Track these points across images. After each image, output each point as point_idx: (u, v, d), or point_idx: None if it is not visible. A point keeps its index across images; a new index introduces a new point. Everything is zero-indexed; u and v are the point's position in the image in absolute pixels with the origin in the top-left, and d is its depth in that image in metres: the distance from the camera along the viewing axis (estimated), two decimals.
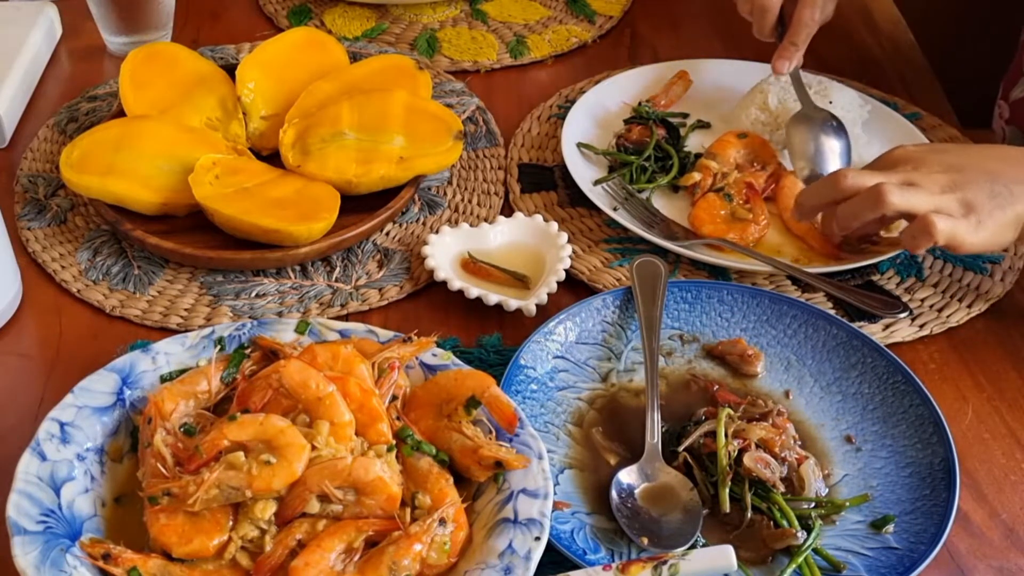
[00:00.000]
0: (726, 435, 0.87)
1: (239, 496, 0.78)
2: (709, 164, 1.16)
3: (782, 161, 1.19)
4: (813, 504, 0.87)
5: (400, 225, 1.14)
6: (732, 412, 0.90)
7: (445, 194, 1.18)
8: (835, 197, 1.01)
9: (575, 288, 1.06)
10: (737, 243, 1.09)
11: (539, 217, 1.10)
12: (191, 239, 1.07)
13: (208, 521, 0.78)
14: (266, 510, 0.78)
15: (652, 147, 1.18)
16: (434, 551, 0.78)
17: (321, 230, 1.05)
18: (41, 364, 0.99)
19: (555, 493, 0.82)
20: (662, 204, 1.16)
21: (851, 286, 1.07)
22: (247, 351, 0.89)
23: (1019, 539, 0.88)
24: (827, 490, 0.89)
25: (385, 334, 0.91)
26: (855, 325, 1.00)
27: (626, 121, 1.23)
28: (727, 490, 0.85)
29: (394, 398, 0.87)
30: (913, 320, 1.05)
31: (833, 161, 1.15)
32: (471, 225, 1.09)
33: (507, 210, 1.16)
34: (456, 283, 1.03)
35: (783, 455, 0.88)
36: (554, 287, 1.03)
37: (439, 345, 0.91)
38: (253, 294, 1.05)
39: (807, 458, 0.89)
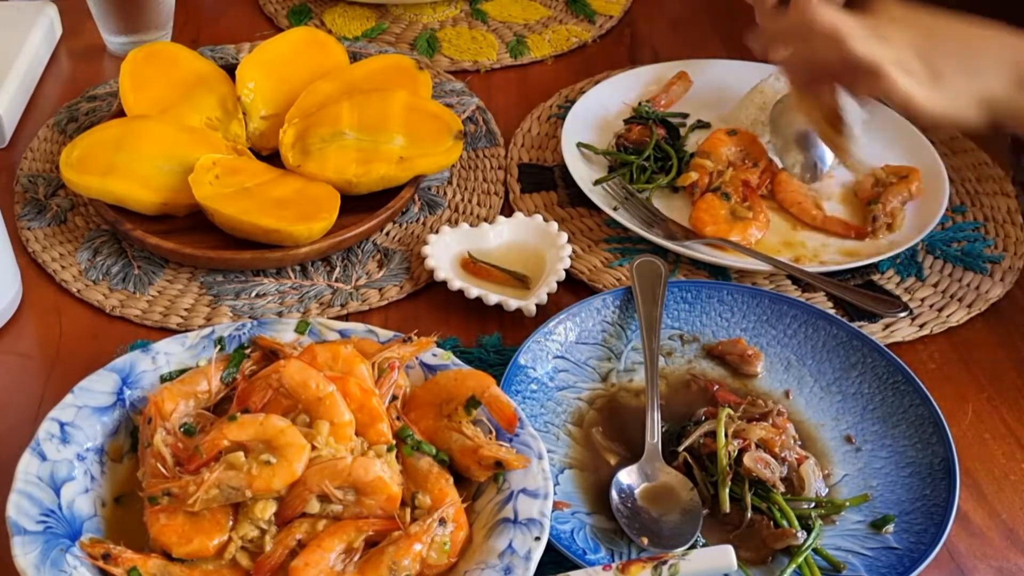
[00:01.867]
0: (726, 435, 0.87)
1: (239, 496, 0.78)
2: (704, 163, 1.16)
3: (773, 158, 1.19)
4: (813, 504, 0.87)
5: (400, 225, 1.14)
6: (732, 412, 0.90)
7: (445, 194, 1.18)
8: (798, 27, 0.95)
9: (575, 288, 1.06)
10: (739, 243, 1.09)
11: (539, 217, 1.10)
12: (191, 239, 1.07)
13: (208, 521, 0.78)
14: (266, 510, 0.78)
15: (652, 147, 1.18)
16: (434, 551, 0.78)
17: (321, 230, 1.05)
18: (41, 364, 0.99)
19: (555, 493, 0.82)
20: (662, 204, 1.16)
21: (851, 286, 1.07)
22: (247, 351, 0.89)
23: (1019, 539, 0.88)
24: (827, 490, 0.89)
25: (385, 334, 0.91)
26: (855, 325, 1.00)
27: (626, 121, 1.23)
28: (727, 490, 0.85)
29: (394, 398, 0.87)
30: (913, 320, 1.05)
31: (828, 150, 1.15)
32: (471, 225, 1.09)
33: (507, 210, 1.16)
34: (456, 283, 1.03)
35: (783, 455, 0.88)
36: (554, 287, 1.03)
37: (439, 345, 0.91)
38: (253, 294, 1.05)
39: (807, 458, 0.89)
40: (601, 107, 1.26)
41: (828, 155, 1.14)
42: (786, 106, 1.19)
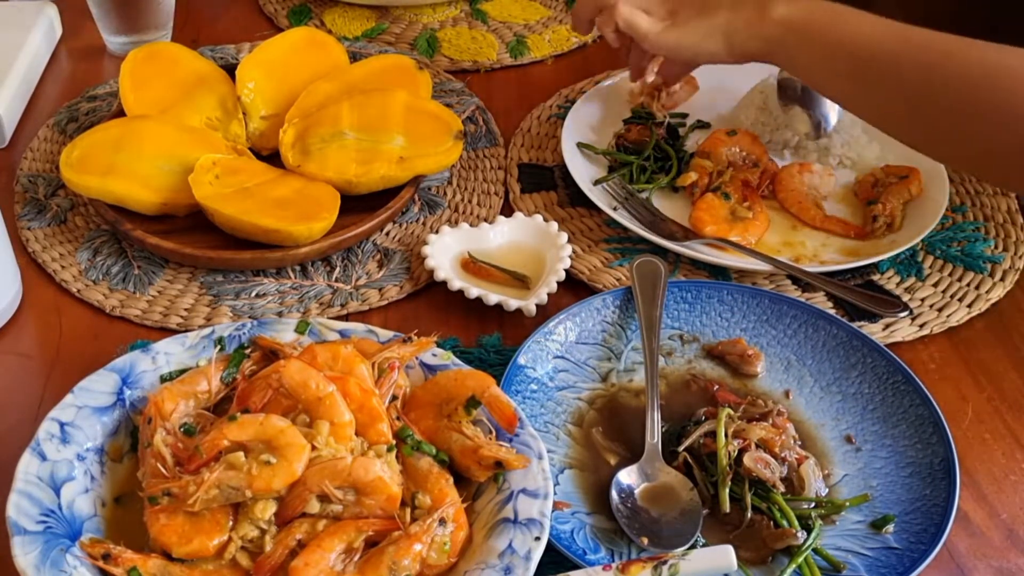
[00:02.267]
0: (726, 435, 0.87)
1: (239, 496, 0.78)
2: (704, 163, 1.16)
3: (773, 158, 1.19)
4: (813, 504, 0.87)
5: (400, 225, 1.14)
6: (732, 412, 0.90)
7: (445, 194, 1.18)
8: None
9: (575, 288, 1.06)
10: (739, 243, 1.09)
11: (539, 217, 1.10)
12: (191, 239, 1.07)
13: (208, 521, 0.78)
14: (266, 510, 0.78)
15: (651, 147, 1.18)
16: (434, 551, 0.78)
17: (321, 230, 1.05)
18: (41, 364, 0.99)
19: (555, 493, 0.82)
20: (662, 204, 1.16)
21: (851, 286, 1.07)
22: (247, 351, 0.89)
23: (1019, 539, 0.88)
24: (827, 490, 0.89)
25: (385, 334, 0.91)
26: (855, 325, 1.00)
27: (626, 121, 1.23)
28: (727, 490, 0.85)
29: (394, 398, 0.87)
30: (913, 320, 1.05)
31: (833, 108, 1.18)
32: (471, 225, 1.09)
33: (507, 210, 1.16)
34: (456, 283, 1.03)
35: (783, 455, 0.88)
36: (554, 287, 1.03)
37: (439, 345, 0.91)
38: (253, 294, 1.05)
39: (807, 458, 0.89)
40: (601, 107, 1.26)
41: (832, 114, 1.19)
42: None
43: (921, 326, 1.05)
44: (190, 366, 0.88)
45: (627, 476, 0.87)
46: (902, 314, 1.04)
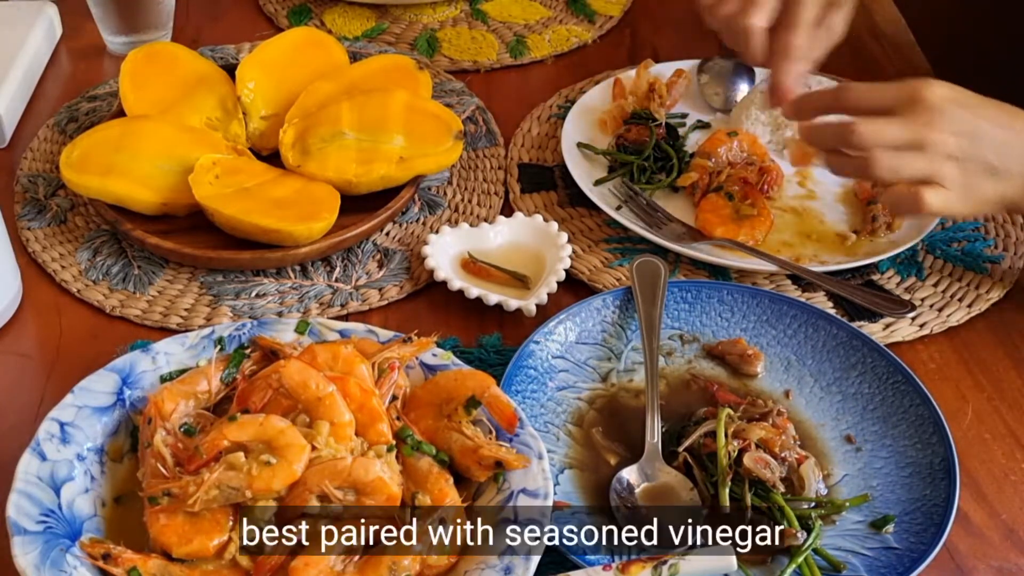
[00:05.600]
0: (726, 435, 0.87)
1: (239, 496, 0.78)
2: (704, 163, 1.16)
3: (774, 159, 1.19)
4: (813, 504, 0.87)
5: (400, 225, 1.14)
6: (732, 412, 0.90)
7: (445, 194, 1.18)
8: (834, 113, 0.98)
9: (575, 288, 1.06)
10: (745, 243, 1.09)
11: (539, 217, 1.10)
12: (191, 239, 1.07)
13: (208, 521, 0.78)
14: (266, 510, 0.78)
15: (651, 147, 1.18)
16: (434, 551, 0.78)
17: (321, 230, 1.05)
18: (41, 364, 0.99)
19: (555, 493, 0.82)
20: (662, 204, 1.15)
21: (853, 285, 1.07)
22: (247, 351, 0.89)
23: (1019, 539, 0.88)
24: (827, 490, 0.89)
25: (385, 334, 0.91)
26: (855, 325, 1.00)
27: (626, 121, 1.23)
28: (727, 490, 0.85)
29: (394, 398, 0.87)
30: (913, 320, 1.05)
31: None
32: (471, 225, 1.09)
33: (507, 210, 1.16)
34: (456, 283, 1.03)
35: (783, 455, 0.88)
36: (554, 287, 1.03)
37: (439, 345, 0.91)
38: (253, 294, 1.05)
39: (807, 458, 0.89)
40: (601, 107, 1.26)
41: (741, 92, 1.25)
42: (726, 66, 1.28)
43: (921, 326, 1.05)
44: (190, 366, 0.88)
45: (627, 476, 0.87)
46: (910, 313, 1.04)
